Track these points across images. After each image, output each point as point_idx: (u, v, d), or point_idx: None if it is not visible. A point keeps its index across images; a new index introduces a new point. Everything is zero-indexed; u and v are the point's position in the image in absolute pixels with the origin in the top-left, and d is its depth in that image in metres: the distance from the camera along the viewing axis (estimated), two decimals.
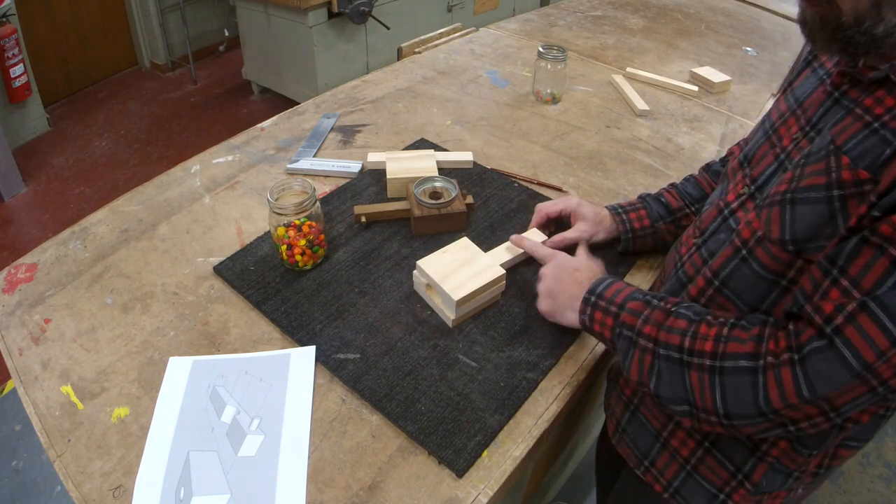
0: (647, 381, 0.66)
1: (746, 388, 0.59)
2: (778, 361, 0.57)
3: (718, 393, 0.60)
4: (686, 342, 0.63)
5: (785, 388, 0.56)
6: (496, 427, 0.72)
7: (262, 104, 3.39)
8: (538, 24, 1.84)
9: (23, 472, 1.63)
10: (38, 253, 0.96)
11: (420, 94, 1.40)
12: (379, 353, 0.79)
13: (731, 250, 0.67)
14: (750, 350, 0.60)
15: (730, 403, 0.60)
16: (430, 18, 3.25)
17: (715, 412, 0.61)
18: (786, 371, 0.56)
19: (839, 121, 0.60)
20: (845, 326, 0.53)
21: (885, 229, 0.52)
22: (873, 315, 0.52)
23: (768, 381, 0.57)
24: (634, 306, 0.70)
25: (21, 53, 2.69)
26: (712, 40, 1.77)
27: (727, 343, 0.61)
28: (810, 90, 0.68)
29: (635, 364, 0.67)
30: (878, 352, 0.52)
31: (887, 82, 0.56)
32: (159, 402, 0.74)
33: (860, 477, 1.64)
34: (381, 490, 0.66)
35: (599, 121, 1.33)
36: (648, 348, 0.66)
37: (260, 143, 1.22)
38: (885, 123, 0.54)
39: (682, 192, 0.93)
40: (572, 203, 0.95)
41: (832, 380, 0.54)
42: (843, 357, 0.53)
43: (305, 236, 0.88)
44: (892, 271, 0.51)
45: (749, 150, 0.74)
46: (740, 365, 0.59)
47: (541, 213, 0.96)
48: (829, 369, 0.54)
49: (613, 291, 0.73)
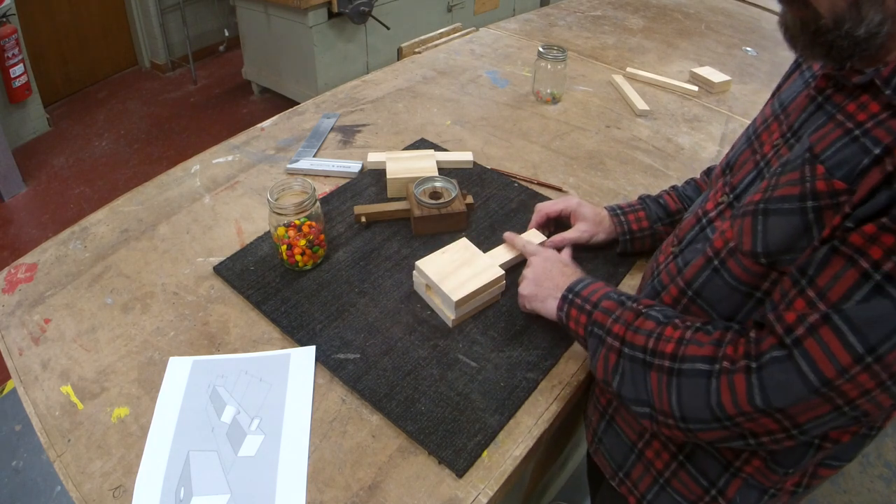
0: (611, 380, 0.66)
1: (701, 391, 0.58)
2: (734, 367, 0.56)
3: (675, 395, 0.60)
4: (650, 343, 0.63)
5: (737, 394, 0.55)
6: (496, 427, 0.72)
7: (262, 104, 3.39)
8: (538, 24, 1.84)
9: (23, 472, 1.63)
10: (38, 253, 0.96)
11: (420, 94, 1.40)
12: (379, 353, 0.79)
13: (703, 260, 0.65)
14: (708, 353, 0.59)
15: (685, 406, 0.59)
16: (430, 18, 3.25)
17: (672, 414, 0.60)
18: (739, 377, 0.55)
19: (819, 127, 0.57)
20: (805, 338, 0.52)
21: (855, 239, 0.50)
22: (836, 329, 0.50)
23: (721, 386, 0.56)
24: (608, 305, 0.70)
25: (21, 53, 2.69)
26: (712, 40, 1.77)
27: (688, 345, 0.60)
28: (795, 94, 0.65)
29: (601, 362, 0.67)
30: (839, 368, 0.50)
31: (872, 87, 0.53)
32: (159, 402, 0.74)
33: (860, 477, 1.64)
34: (381, 490, 0.66)
35: (599, 121, 1.33)
36: (615, 347, 0.66)
37: (260, 143, 1.22)
38: (867, 131, 0.52)
39: (681, 195, 0.93)
40: (572, 203, 0.95)
41: (787, 392, 0.53)
42: (801, 370, 0.52)
43: (305, 236, 0.88)
44: (861, 284, 0.49)
45: (732, 157, 0.72)
46: (697, 367, 0.59)
47: (540, 213, 0.96)
48: (785, 381, 0.53)
49: (591, 290, 0.73)
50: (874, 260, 0.48)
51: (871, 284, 0.48)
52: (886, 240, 0.48)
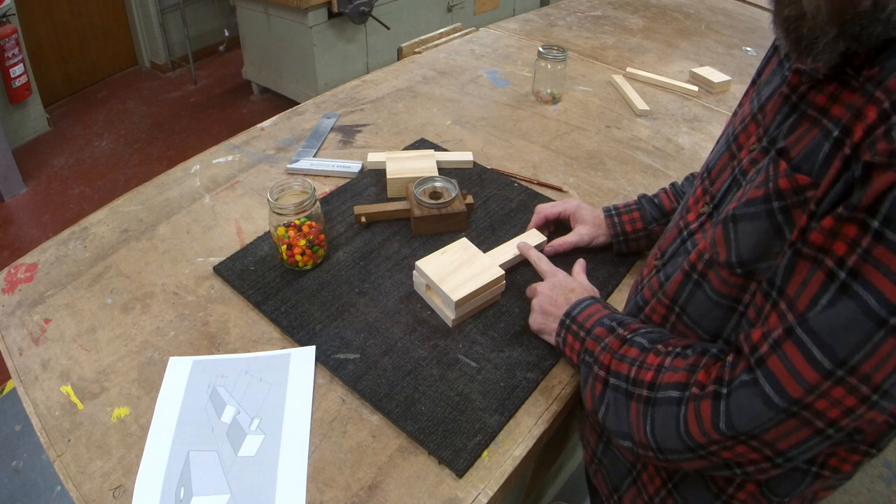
0: (598, 411, 0.64)
1: (671, 419, 0.56)
2: (702, 393, 0.53)
3: (649, 425, 0.58)
4: (632, 372, 0.61)
5: (703, 421, 0.52)
6: (496, 427, 0.72)
7: (262, 104, 3.39)
8: (538, 24, 1.84)
9: (23, 472, 1.63)
10: (38, 253, 0.96)
11: (420, 94, 1.40)
12: (379, 353, 0.79)
13: (682, 275, 0.62)
14: (680, 380, 0.56)
15: (658, 436, 0.57)
16: (430, 18, 3.25)
17: (650, 445, 0.58)
18: (706, 403, 0.53)
19: (794, 128, 0.53)
20: (768, 356, 0.48)
21: (815, 238, 0.46)
22: (800, 343, 0.46)
23: (689, 413, 0.54)
24: (599, 332, 0.68)
25: (21, 53, 2.69)
26: (712, 40, 1.77)
27: (665, 373, 0.58)
28: (772, 90, 0.60)
29: (589, 391, 0.66)
30: (806, 387, 0.46)
31: (843, 74, 0.48)
32: (159, 402, 0.74)
33: (860, 477, 1.64)
34: (381, 490, 0.66)
35: (599, 121, 1.33)
36: (600, 376, 0.64)
37: (260, 143, 1.22)
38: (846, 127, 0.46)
39: (678, 193, 0.91)
40: (571, 206, 0.95)
41: (752, 417, 0.49)
42: (764, 392, 0.48)
43: (305, 236, 0.88)
44: (827, 286, 0.45)
45: (711, 161, 0.68)
46: (669, 395, 0.56)
47: (539, 215, 0.96)
48: (748, 405, 0.49)
49: (586, 315, 0.71)
50: (838, 256, 0.44)
51: (837, 285, 0.44)
52: (848, 231, 0.43)
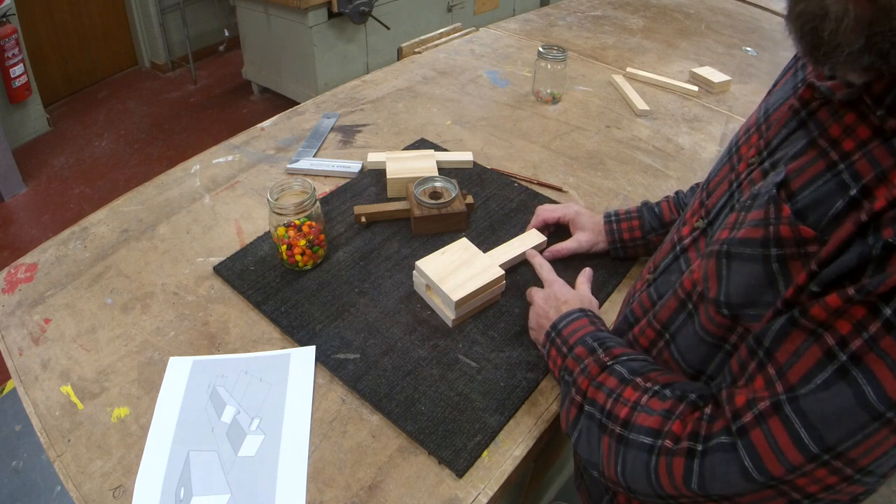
0: (571, 435, 0.63)
1: (641, 466, 0.54)
2: (676, 447, 0.51)
3: (620, 464, 0.56)
4: (608, 404, 0.59)
5: (675, 477, 0.51)
6: (496, 427, 0.72)
7: (262, 104, 3.39)
8: (538, 24, 1.84)
9: (23, 472, 1.63)
10: (38, 253, 0.96)
11: (420, 94, 1.40)
12: (379, 353, 0.79)
13: (676, 303, 0.60)
14: (654, 426, 0.54)
15: (629, 477, 0.56)
16: (430, 18, 3.25)
17: (619, 482, 0.57)
18: (679, 460, 0.51)
19: (799, 154, 0.48)
20: (752, 428, 0.45)
21: (817, 313, 0.42)
22: (787, 421, 0.43)
23: (660, 466, 0.52)
24: (580, 352, 0.65)
25: (21, 53, 2.69)
26: (712, 40, 1.77)
27: (640, 412, 0.56)
28: (781, 101, 0.56)
29: (565, 413, 0.64)
30: (788, 467, 0.44)
31: (860, 104, 0.43)
32: (159, 402, 0.74)
33: None
34: (381, 490, 0.66)
35: (599, 121, 1.33)
36: (577, 401, 0.62)
37: (260, 143, 1.22)
38: (853, 164, 0.42)
39: (679, 204, 0.89)
40: (571, 211, 0.93)
41: (726, 484, 0.47)
42: (743, 464, 0.46)
43: (305, 236, 0.88)
44: (824, 365, 0.41)
45: (713, 171, 0.65)
46: (641, 441, 0.54)
47: (538, 218, 0.95)
48: (724, 472, 0.47)
49: (571, 330, 0.69)
50: (841, 336, 0.41)
51: (836, 367, 0.41)
52: (856, 312, 0.40)
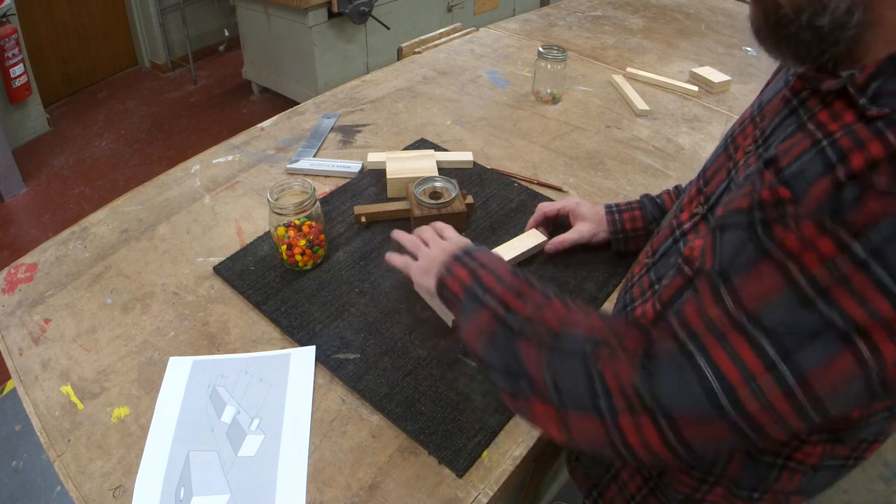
0: (479, 344, 0.59)
1: (577, 362, 0.51)
2: (623, 347, 0.50)
3: (550, 370, 0.52)
4: (533, 312, 0.56)
5: (622, 378, 0.48)
6: (496, 427, 0.72)
7: (262, 104, 3.39)
8: (538, 24, 1.84)
9: (23, 472, 1.63)
10: (38, 253, 0.96)
11: (420, 94, 1.40)
12: (379, 353, 0.79)
13: (682, 281, 0.59)
14: (597, 324, 0.53)
15: (561, 385, 0.52)
16: (430, 18, 3.25)
17: (545, 387, 0.52)
18: (625, 367, 0.49)
19: (789, 136, 0.51)
20: (706, 339, 0.46)
21: (790, 242, 0.44)
22: (747, 333, 0.44)
23: (600, 358, 0.50)
24: (503, 272, 0.62)
25: (21, 53, 2.69)
26: (712, 40, 1.77)
27: (573, 314, 0.55)
28: (774, 93, 0.60)
29: (472, 322, 0.60)
30: (747, 375, 0.44)
31: (846, 94, 0.47)
32: (159, 402, 0.74)
33: (860, 477, 1.63)
34: (381, 490, 0.66)
35: (599, 121, 1.33)
36: (490, 305, 0.59)
37: (260, 143, 1.22)
38: (836, 141, 0.45)
39: (679, 196, 0.90)
40: (570, 203, 0.95)
41: (683, 397, 0.46)
42: (698, 371, 0.45)
43: (305, 236, 0.88)
44: (788, 296, 0.43)
45: (708, 161, 0.68)
46: (578, 348, 0.52)
47: (539, 213, 0.96)
48: (676, 379, 0.46)
49: (487, 257, 0.66)
50: (807, 269, 0.42)
51: (798, 295, 0.43)
52: (824, 246, 0.42)
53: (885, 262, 0.40)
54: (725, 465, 0.63)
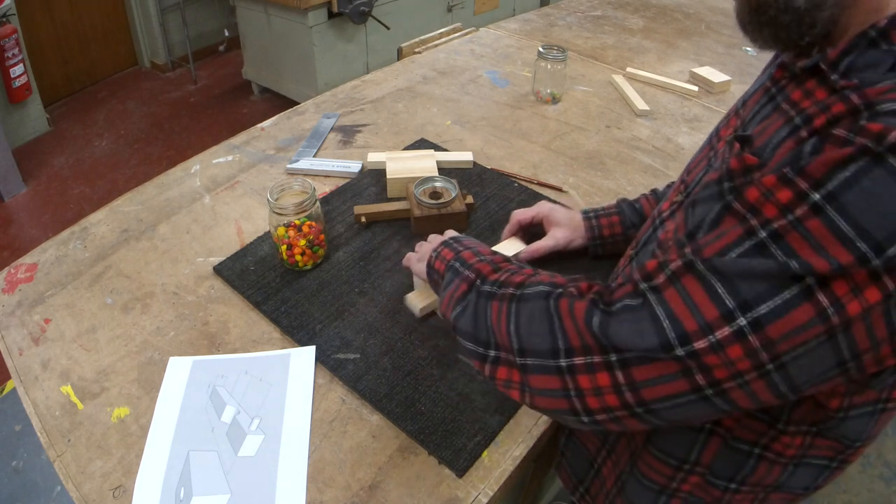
0: (453, 311, 0.61)
1: (540, 313, 0.52)
2: (579, 294, 0.52)
3: (514, 321, 0.54)
4: (503, 277, 0.59)
5: (577, 318, 0.49)
6: (496, 427, 0.72)
7: (262, 104, 3.39)
8: (538, 24, 1.84)
9: (23, 472, 1.63)
10: (38, 253, 0.96)
11: (420, 94, 1.40)
12: (379, 353, 0.79)
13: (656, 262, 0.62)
14: (558, 281, 0.55)
15: (523, 333, 0.53)
16: (430, 18, 3.25)
17: (511, 345, 0.54)
18: (581, 304, 0.50)
19: (764, 118, 0.53)
20: (665, 287, 0.46)
21: (750, 194, 0.44)
22: (702, 278, 0.44)
23: (561, 306, 0.51)
24: (484, 251, 0.66)
25: (21, 53, 2.69)
26: (712, 40, 1.77)
27: (538, 277, 0.57)
28: (757, 86, 0.62)
29: (449, 294, 0.63)
30: (703, 323, 0.43)
31: (819, 72, 0.49)
32: (159, 402, 0.74)
33: (860, 477, 1.64)
34: (381, 490, 0.66)
35: (599, 121, 1.33)
36: (469, 278, 0.62)
37: (260, 143, 1.22)
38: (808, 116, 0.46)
39: (658, 199, 0.89)
40: (544, 209, 0.91)
41: (635, 334, 0.46)
42: (656, 317, 0.45)
43: (305, 236, 0.88)
44: (743, 241, 0.43)
45: (694, 155, 0.69)
46: (539, 290, 0.54)
47: (513, 222, 0.92)
48: (636, 328, 0.46)
49: (472, 241, 0.70)
50: (766, 218, 0.43)
51: (754, 241, 0.43)
52: (783, 196, 0.42)
53: (842, 208, 0.40)
54: (700, 451, 0.62)
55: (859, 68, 0.46)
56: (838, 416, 0.55)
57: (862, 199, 0.39)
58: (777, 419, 0.57)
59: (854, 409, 0.55)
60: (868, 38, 0.46)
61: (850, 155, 0.40)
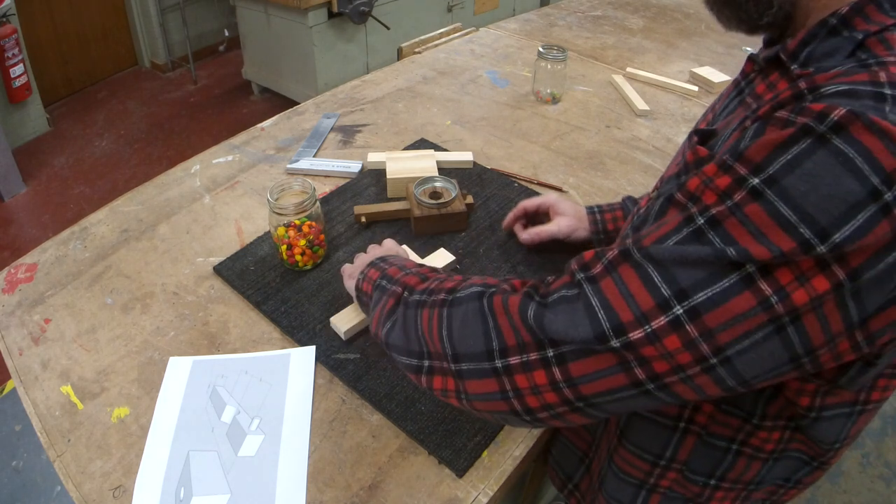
0: (382, 327, 0.60)
1: (473, 314, 0.50)
2: (513, 291, 0.50)
3: (446, 327, 0.52)
4: (432, 285, 0.58)
5: (511, 313, 0.48)
6: (496, 427, 0.72)
7: (262, 104, 3.39)
8: (538, 24, 1.84)
9: (23, 472, 1.63)
10: (38, 253, 0.96)
11: (420, 94, 1.40)
12: (379, 353, 0.79)
13: None
14: (490, 282, 0.54)
15: (457, 337, 0.51)
16: (430, 18, 3.25)
17: (445, 352, 0.52)
18: (515, 298, 0.48)
19: (730, 112, 0.53)
20: (602, 277, 0.44)
21: (691, 183, 0.43)
22: (638, 266, 0.42)
23: (494, 304, 0.50)
24: (408, 264, 0.66)
25: (21, 53, 2.69)
26: (712, 40, 1.77)
27: (468, 280, 0.56)
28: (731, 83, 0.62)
29: (378, 311, 0.62)
30: (638, 312, 0.41)
31: (781, 63, 0.49)
32: (159, 402, 0.74)
33: (860, 477, 1.64)
34: (381, 490, 0.66)
35: (599, 121, 1.33)
36: (396, 293, 0.61)
37: (260, 143, 1.22)
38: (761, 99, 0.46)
39: None
40: (551, 198, 0.93)
41: (570, 324, 0.44)
42: (590, 306, 0.43)
43: (305, 236, 0.88)
44: (681, 228, 0.42)
45: (675, 154, 0.70)
46: (471, 291, 0.53)
47: (519, 208, 0.95)
48: (570, 319, 0.44)
49: (398, 259, 0.70)
50: (704, 205, 0.41)
51: (692, 228, 0.41)
52: (721, 182, 0.41)
53: (783, 192, 0.38)
54: (677, 447, 0.62)
55: (818, 58, 0.45)
56: (810, 415, 0.54)
57: (804, 183, 0.37)
58: (752, 414, 0.56)
59: (828, 409, 0.54)
60: (828, 26, 0.45)
61: (792, 136, 0.38)
